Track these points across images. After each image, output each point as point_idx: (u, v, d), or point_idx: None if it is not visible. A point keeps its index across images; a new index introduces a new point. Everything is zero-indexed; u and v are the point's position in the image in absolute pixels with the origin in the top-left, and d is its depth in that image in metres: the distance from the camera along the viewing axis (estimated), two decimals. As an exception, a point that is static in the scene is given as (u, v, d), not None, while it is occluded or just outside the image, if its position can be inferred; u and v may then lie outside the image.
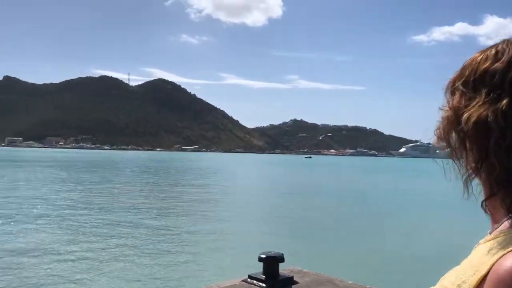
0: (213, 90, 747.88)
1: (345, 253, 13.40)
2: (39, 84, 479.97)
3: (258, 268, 1.52)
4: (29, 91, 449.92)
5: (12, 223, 17.07)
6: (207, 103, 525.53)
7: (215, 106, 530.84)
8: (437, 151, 0.85)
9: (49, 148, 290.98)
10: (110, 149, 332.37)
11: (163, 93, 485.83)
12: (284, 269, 1.61)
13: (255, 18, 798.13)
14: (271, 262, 1.51)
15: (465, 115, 0.77)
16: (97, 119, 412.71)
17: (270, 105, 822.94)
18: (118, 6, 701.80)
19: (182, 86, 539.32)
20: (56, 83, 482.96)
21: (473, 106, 0.76)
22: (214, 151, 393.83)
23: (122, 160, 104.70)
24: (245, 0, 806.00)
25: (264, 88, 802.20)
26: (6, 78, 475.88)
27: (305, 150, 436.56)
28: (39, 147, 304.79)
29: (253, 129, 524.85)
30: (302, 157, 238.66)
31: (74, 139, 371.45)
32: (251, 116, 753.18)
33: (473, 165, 0.82)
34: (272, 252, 1.53)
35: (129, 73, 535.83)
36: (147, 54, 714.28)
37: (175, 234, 16.04)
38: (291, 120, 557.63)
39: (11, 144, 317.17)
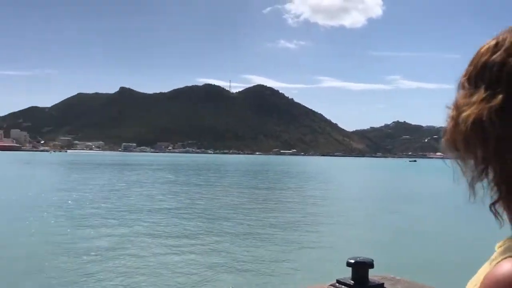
0: (310, 93, 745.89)
1: (443, 263, 12.85)
2: (150, 94, 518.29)
3: (346, 273, 1.45)
4: (141, 100, 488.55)
5: (121, 218, 19.04)
6: (305, 106, 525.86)
7: (313, 109, 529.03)
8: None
9: (159, 153, 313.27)
10: (213, 153, 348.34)
11: (262, 99, 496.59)
12: (375, 275, 1.50)
13: (354, 19, 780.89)
14: (360, 268, 1.42)
15: (464, 115, 0.73)
16: (201, 125, 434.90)
17: (370, 107, 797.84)
18: (218, 18, 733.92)
19: (280, 91, 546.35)
20: (165, 93, 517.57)
21: (473, 104, 0.72)
22: (312, 154, 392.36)
23: (224, 164, 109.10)
24: (343, 2, 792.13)
25: (364, 90, 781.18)
26: (122, 89, 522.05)
27: (409, 153, 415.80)
28: (150, 152, 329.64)
29: (352, 132, 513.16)
30: (406, 160, 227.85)
31: (181, 144, 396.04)
32: (350, 118, 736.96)
33: (477, 167, 0.73)
34: (361, 257, 1.44)
35: (230, 81, 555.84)
36: (246, 62, 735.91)
37: (267, 235, 16.41)
38: (393, 122, 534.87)
39: (127, 149, 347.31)
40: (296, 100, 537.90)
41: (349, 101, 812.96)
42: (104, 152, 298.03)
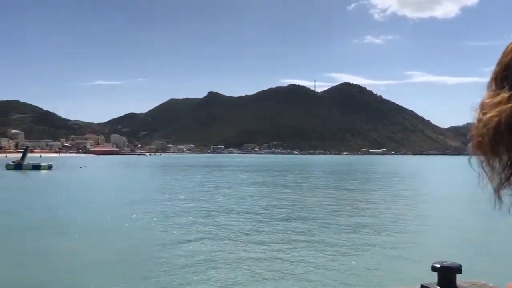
0: (400, 89, 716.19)
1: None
2: (236, 97, 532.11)
3: (431, 278, 1.33)
4: (228, 103, 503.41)
5: (210, 217, 19.36)
6: (394, 103, 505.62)
7: (403, 106, 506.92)
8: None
9: (246, 154, 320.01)
10: (299, 154, 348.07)
11: (349, 97, 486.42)
12: (464, 281, 1.40)
13: (446, 9, 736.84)
14: (447, 273, 1.32)
15: (487, 116, 0.69)
16: (287, 126, 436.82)
17: (466, 101, 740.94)
18: (302, 17, 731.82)
19: (368, 88, 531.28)
20: (250, 95, 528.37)
21: (496, 105, 0.68)
22: (404, 153, 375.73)
23: (310, 164, 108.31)
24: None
25: (458, 84, 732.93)
26: (210, 93, 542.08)
27: None
28: (237, 153, 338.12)
29: (447, 129, 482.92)
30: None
31: (267, 145, 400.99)
32: (444, 115, 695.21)
33: (503, 171, 0.70)
34: (448, 262, 1.33)
35: (315, 80, 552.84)
36: (331, 60, 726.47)
37: (352, 236, 15.95)
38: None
39: (215, 151, 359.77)
40: (384, 97, 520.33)
41: (442, 96, 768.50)
42: (195, 154, 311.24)
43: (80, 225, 17.97)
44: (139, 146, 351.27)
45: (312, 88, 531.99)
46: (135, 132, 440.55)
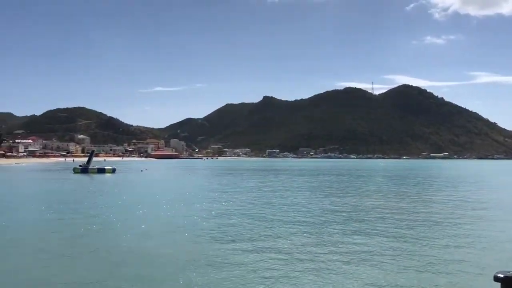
0: (463, 91, 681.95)
1: None
2: (292, 101, 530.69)
3: None
4: (283, 107, 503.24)
5: (265, 221, 19.45)
6: (457, 105, 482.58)
7: (466, 108, 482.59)
8: None
9: (302, 158, 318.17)
10: (356, 158, 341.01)
11: (408, 99, 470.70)
12: None
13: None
14: (511, 283, 1.30)
15: None
16: (343, 129, 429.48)
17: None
18: (357, 19, 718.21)
19: (428, 90, 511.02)
20: (306, 99, 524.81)
21: None
22: (468, 158, 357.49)
23: (368, 169, 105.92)
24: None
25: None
26: (265, 98, 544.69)
27: None
28: (292, 157, 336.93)
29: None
30: None
31: (322, 149, 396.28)
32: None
33: None
34: None
35: (372, 82, 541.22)
36: (389, 62, 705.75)
37: (409, 241, 15.52)
38: None
39: (271, 155, 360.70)
40: (446, 99, 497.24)
41: (509, 97, 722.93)
42: (251, 158, 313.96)
43: (146, 225, 18.72)
44: (197, 150, 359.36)
45: (370, 91, 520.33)
46: (193, 137, 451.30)
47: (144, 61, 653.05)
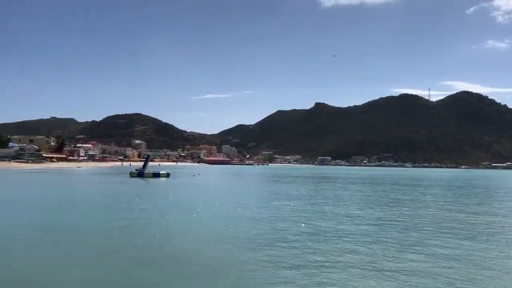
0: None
1: None
2: (344, 108, 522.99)
3: None
4: (335, 114, 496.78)
5: (317, 232, 18.94)
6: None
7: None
8: None
9: (354, 166, 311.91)
10: (411, 167, 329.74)
11: (467, 106, 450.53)
12: None
13: None
14: None
15: None
16: (398, 137, 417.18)
17: None
18: (414, 23, 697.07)
19: (490, 97, 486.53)
20: (359, 105, 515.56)
21: None
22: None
23: (424, 178, 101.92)
24: None
25: None
26: (317, 104, 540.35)
27: None
28: (345, 165, 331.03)
29: None
30: None
31: (376, 157, 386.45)
32: None
33: None
34: None
35: (429, 89, 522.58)
36: (447, 67, 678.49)
37: (466, 255, 14.49)
38: None
39: (322, 162, 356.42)
40: (510, 106, 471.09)
41: None
42: (301, 165, 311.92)
43: (200, 230, 18.82)
44: (248, 156, 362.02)
45: (426, 97, 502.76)
46: (244, 143, 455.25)
47: (197, 69, 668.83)
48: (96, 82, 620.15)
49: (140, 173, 71.34)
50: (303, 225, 21.01)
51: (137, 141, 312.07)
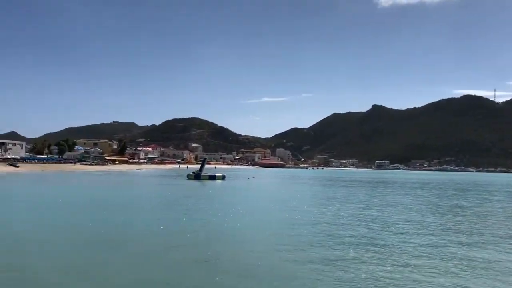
0: None
1: None
2: (403, 110, 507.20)
3: None
4: (394, 117, 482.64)
5: (378, 239, 18.22)
6: None
7: None
8: None
9: (414, 170, 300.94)
10: (475, 171, 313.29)
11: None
12: None
13: None
14: None
15: None
16: (460, 140, 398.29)
17: None
18: (474, 21, 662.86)
19: None
20: (418, 107, 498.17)
21: None
22: None
23: (490, 183, 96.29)
24: None
25: None
26: (374, 107, 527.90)
27: None
28: (403, 169, 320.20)
29: None
30: None
31: (437, 161, 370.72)
32: None
33: None
34: None
35: (494, 89, 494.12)
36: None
37: None
38: None
39: (380, 166, 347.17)
40: None
41: None
42: (358, 169, 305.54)
43: (259, 233, 18.77)
44: (302, 159, 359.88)
45: (491, 98, 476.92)
46: (298, 146, 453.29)
47: (252, 73, 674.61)
48: (155, 88, 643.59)
49: (197, 176, 72.86)
50: (360, 231, 20.37)
51: (194, 144, 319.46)
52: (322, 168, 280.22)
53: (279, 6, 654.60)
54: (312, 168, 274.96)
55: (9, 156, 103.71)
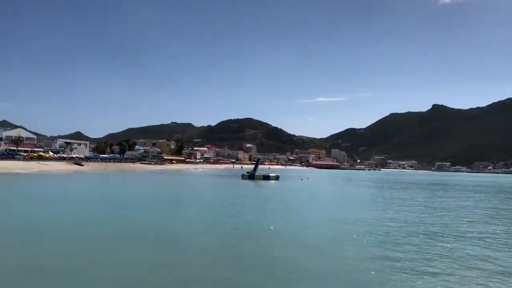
0: None
1: None
2: (465, 110, 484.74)
3: None
4: (455, 117, 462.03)
5: (438, 240, 17.41)
6: None
7: None
8: None
9: (477, 173, 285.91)
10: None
11: None
12: None
13: None
14: None
15: None
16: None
17: None
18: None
19: None
20: (482, 107, 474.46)
21: None
22: None
23: None
24: None
25: None
26: (434, 106, 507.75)
27: None
28: (466, 172, 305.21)
29: None
30: None
31: (503, 163, 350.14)
32: None
33: None
34: None
35: None
36: None
37: None
38: None
39: (440, 168, 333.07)
40: None
41: None
42: (417, 171, 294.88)
43: (315, 234, 18.60)
44: (358, 161, 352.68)
45: None
46: (354, 147, 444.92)
47: (307, 72, 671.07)
48: (211, 89, 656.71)
49: (251, 176, 73.40)
50: (420, 237, 19.59)
51: (248, 145, 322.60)
52: (379, 170, 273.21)
53: (336, 5, 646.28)
54: (369, 169, 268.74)
55: (74, 155, 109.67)
